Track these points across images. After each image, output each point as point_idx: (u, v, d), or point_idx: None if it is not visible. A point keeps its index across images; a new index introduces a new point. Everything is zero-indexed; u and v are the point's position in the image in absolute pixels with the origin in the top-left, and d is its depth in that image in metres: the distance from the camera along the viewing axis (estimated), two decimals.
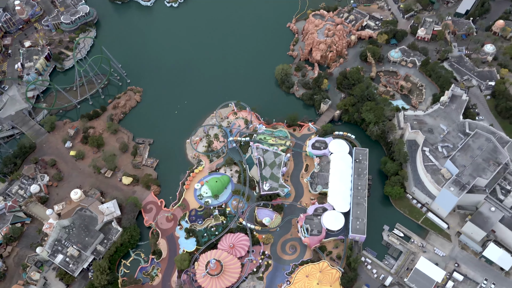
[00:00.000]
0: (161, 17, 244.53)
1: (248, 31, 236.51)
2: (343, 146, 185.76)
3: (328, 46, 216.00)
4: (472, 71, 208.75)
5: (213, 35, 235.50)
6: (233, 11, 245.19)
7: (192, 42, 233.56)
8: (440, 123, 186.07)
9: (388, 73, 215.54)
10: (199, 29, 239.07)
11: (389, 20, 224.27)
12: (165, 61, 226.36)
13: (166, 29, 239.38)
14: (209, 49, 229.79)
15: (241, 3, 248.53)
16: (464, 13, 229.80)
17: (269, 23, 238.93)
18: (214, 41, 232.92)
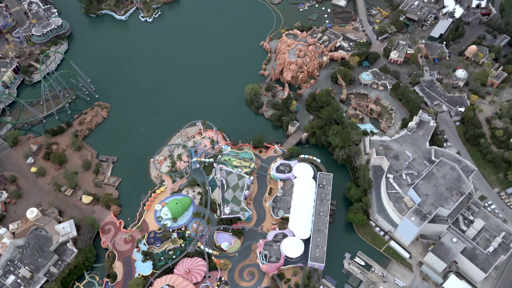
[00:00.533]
0: (134, 32, 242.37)
1: (221, 48, 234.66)
2: (307, 170, 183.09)
3: (299, 66, 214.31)
4: (443, 96, 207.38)
5: (186, 52, 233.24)
6: (208, 28, 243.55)
7: (164, 58, 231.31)
8: (406, 149, 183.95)
9: (359, 95, 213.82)
10: (172, 45, 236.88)
11: (361, 42, 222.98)
12: (135, 77, 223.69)
13: (139, 44, 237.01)
14: (181, 66, 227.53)
15: (217, 20, 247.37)
16: (438, 37, 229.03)
17: (243, 41, 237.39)
18: (187, 58, 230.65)
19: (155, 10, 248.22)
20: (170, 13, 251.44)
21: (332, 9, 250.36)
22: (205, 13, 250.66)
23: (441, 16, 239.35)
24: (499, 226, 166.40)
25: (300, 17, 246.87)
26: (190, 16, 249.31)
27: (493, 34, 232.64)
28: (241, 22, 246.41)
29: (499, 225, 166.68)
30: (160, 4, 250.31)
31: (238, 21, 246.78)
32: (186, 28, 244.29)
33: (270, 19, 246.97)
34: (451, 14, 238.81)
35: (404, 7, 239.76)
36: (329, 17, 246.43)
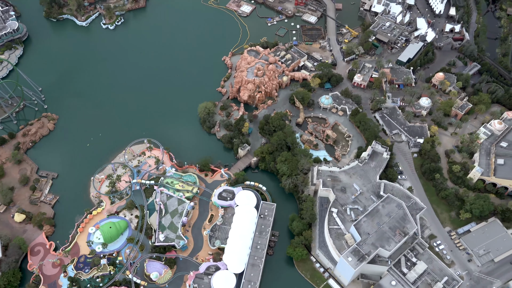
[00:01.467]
0: (94, 40, 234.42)
1: (182, 61, 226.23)
2: (250, 198, 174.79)
3: (256, 86, 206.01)
4: (403, 125, 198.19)
5: (144, 63, 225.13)
6: (170, 39, 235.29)
7: (120, 69, 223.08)
8: (355, 182, 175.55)
9: (317, 119, 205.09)
10: (131, 55, 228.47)
11: (324, 63, 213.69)
12: (88, 87, 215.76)
13: (97, 53, 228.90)
14: (137, 78, 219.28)
15: (182, 30, 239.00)
16: (406, 61, 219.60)
17: (205, 54, 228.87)
18: (144, 70, 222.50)
19: (118, 18, 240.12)
20: (133, 21, 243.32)
21: (302, 25, 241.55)
22: (170, 23, 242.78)
23: (412, 39, 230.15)
24: (442, 270, 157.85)
25: (267, 32, 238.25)
26: (153, 25, 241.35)
27: (464, 61, 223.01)
28: (206, 34, 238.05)
29: (443, 269, 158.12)
30: (124, 11, 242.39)
31: (203, 32, 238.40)
32: (148, 38, 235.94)
33: (236, 32, 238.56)
34: (423, 37, 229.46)
35: (375, 28, 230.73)
36: (297, 34, 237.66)
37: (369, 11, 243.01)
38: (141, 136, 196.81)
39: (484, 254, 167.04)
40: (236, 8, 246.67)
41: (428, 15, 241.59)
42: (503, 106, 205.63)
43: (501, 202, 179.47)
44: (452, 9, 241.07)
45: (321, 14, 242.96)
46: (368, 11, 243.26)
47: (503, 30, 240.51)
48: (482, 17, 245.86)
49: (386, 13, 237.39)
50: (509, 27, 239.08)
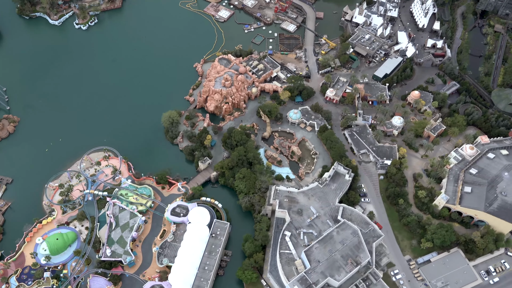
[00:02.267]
0: (65, 40, 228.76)
1: (152, 66, 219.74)
2: (204, 215, 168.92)
3: (223, 97, 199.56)
4: (372, 145, 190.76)
5: (114, 67, 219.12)
6: (143, 42, 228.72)
7: (89, 72, 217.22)
8: (313, 204, 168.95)
9: (284, 134, 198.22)
10: (101, 58, 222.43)
11: (294, 76, 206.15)
12: (54, 89, 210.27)
13: (67, 54, 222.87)
14: (105, 83, 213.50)
15: (156, 34, 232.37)
16: (382, 77, 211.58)
17: (177, 60, 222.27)
18: (113, 74, 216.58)
19: (92, 18, 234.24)
20: (107, 22, 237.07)
21: (280, 33, 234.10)
22: (145, 25, 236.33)
23: (392, 54, 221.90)
24: None
25: (244, 39, 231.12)
26: (127, 27, 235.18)
27: (444, 79, 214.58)
28: (181, 38, 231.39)
29: None
30: (98, 12, 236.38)
31: (178, 37, 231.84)
32: (120, 40, 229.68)
33: (211, 38, 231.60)
34: (403, 52, 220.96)
35: (354, 40, 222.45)
36: (274, 42, 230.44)
37: (350, 21, 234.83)
38: (102, 143, 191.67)
39: (442, 286, 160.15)
40: (213, 13, 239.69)
41: (409, 29, 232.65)
42: (479, 129, 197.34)
43: (466, 231, 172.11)
44: (436, 23, 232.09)
45: (298, 25, 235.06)
46: (349, 21, 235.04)
47: (488, 47, 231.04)
48: (468, 33, 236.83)
49: (367, 25, 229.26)
50: (495, 45, 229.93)
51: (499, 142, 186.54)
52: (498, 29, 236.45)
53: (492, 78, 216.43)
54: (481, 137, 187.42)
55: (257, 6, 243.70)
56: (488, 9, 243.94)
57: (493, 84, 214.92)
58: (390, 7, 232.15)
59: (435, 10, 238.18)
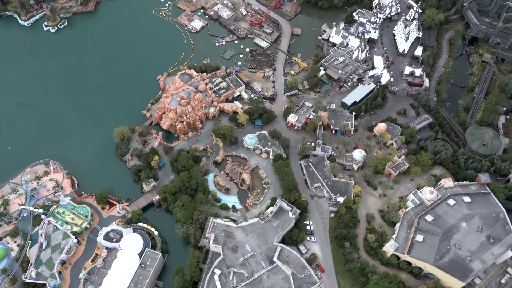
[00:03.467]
0: (31, 42, 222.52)
1: (115, 77, 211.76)
2: (137, 243, 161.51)
3: (178, 115, 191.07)
4: (327, 179, 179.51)
5: (74, 74, 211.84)
6: (109, 49, 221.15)
7: (49, 77, 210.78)
8: (249, 241, 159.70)
9: (238, 159, 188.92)
10: (63, 63, 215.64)
11: (255, 99, 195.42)
12: (9, 95, 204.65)
13: (30, 56, 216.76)
14: (63, 90, 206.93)
15: (124, 41, 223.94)
16: (351, 105, 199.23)
17: (142, 71, 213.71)
18: (73, 81, 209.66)
19: (62, 20, 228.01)
20: (77, 26, 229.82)
21: (252, 49, 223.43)
22: (114, 31, 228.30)
23: (366, 79, 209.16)
24: None
25: (213, 53, 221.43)
26: (96, 33, 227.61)
27: (417, 111, 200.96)
28: (150, 47, 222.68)
29: None
30: (70, 14, 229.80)
31: (147, 46, 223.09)
32: (87, 45, 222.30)
33: (181, 49, 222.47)
34: (377, 78, 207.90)
35: (327, 61, 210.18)
36: (244, 58, 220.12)
37: (327, 41, 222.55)
38: (50, 155, 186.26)
39: None
40: (187, 23, 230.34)
41: (385, 54, 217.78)
42: (446, 170, 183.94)
43: (415, 282, 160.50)
44: (419, 49, 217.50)
45: (270, 44, 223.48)
46: (326, 41, 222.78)
47: (472, 78, 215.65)
48: (453, 61, 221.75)
49: (344, 46, 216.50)
50: (480, 76, 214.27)
51: (464, 187, 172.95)
52: (486, 58, 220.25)
53: (471, 113, 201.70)
54: (445, 180, 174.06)
55: (233, 18, 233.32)
56: (479, 36, 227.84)
57: (471, 120, 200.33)
58: (370, 28, 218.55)
59: (419, 34, 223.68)
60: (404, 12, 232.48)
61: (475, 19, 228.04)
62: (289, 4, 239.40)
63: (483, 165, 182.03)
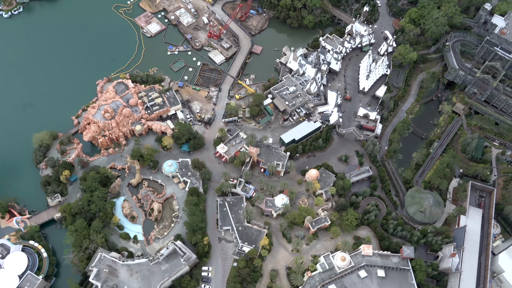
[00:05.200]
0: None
1: (55, 74, 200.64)
2: (20, 263, 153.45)
3: (101, 129, 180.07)
4: (239, 223, 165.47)
5: (15, 65, 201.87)
6: (57, 44, 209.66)
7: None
8: (132, 283, 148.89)
9: (155, 185, 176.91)
10: (6, 53, 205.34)
11: (182, 123, 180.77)
12: None
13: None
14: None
15: (77, 37, 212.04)
16: (288, 142, 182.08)
17: (85, 72, 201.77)
18: (11, 72, 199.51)
19: (18, 6, 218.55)
20: (32, 14, 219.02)
21: (204, 63, 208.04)
22: (67, 24, 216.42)
23: (315, 115, 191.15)
24: None
25: (163, 62, 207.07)
26: (49, 23, 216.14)
27: (361, 159, 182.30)
28: (98, 46, 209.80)
29: None
30: (27, 0, 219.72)
31: (96, 44, 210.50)
32: (36, 36, 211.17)
33: (130, 53, 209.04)
34: (326, 116, 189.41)
35: (277, 90, 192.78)
36: (193, 72, 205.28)
37: (284, 65, 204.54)
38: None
39: None
40: (143, 25, 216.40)
41: (345, 89, 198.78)
42: (373, 233, 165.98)
43: None
44: (382, 88, 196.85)
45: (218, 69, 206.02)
46: (283, 65, 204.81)
47: (436, 130, 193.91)
48: (420, 106, 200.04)
49: (299, 74, 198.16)
50: (444, 129, 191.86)
51: (384, 258, 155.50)
52: (457, 109, 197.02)
53: (422, 171, 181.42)
54: (364, 246, 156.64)
55: (193, 25, 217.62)
56: (456, 81, 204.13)
57: (419, 179, 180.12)
58: (331, 58, 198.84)
59: (387, 71, 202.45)
60: (379, 43, 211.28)
61: (455, 62, 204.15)
62: (256, 17, 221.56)
63: (413, 235, 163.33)
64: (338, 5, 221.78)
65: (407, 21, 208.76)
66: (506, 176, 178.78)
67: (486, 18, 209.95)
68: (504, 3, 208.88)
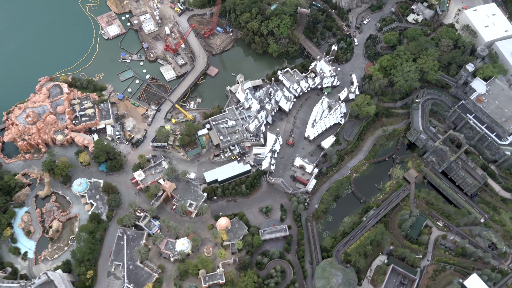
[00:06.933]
0: None
1: (1, 65, 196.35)
2: None
3: (21, 132, 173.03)
4: (132, 262, 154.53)
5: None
6: (14, 32, 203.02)
7: None
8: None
9: (63, 201, 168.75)
10: None
11: (100, 142, 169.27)
12: None
13: None
14: None
15: (34, 30, 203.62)
16: (209, 182, 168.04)
17: (31, 66, 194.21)
18: None
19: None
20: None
21: (153, 77, 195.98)
22: (26, 14, 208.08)
23: (250, 156, 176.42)
24: None
25: (113, 69, 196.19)
26: (7, 10, 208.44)
27: (284, 216, 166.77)
28: (54, 41, 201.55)
29: None
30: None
31: (52, 38, 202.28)
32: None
33: (82, 54, 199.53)
34: (259, 160, 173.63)
35: (215, 121, 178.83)
36: (140, 85, 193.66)
37: (234, 94, 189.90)
38: None
39: None
40: (104, 25, 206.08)
41: (291, 133, 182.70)
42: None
43: None
44: (329, 139, 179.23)
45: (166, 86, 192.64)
46: (233, 94, 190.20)
47: (377, 195, 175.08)
48: (369, 165, 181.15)
49: (245, 108, 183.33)
50: (387, 197, 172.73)
51: None
52: (410, 176, 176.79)
53: (346, 240, 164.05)
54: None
55: (154, 34, 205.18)
56: (417, 144, 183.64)
57: (342, 249, 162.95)
58: (282, 96, 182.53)
59: (342, 120, 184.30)
60: (344, 86, 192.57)
61: (420, 123, 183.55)
62: (222, 36, 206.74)
63: None
64: (311, 37, 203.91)
65: (377, 68, 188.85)
66: (438, 265, 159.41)
67: (467, 80, 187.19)
68: (490, 66, 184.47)
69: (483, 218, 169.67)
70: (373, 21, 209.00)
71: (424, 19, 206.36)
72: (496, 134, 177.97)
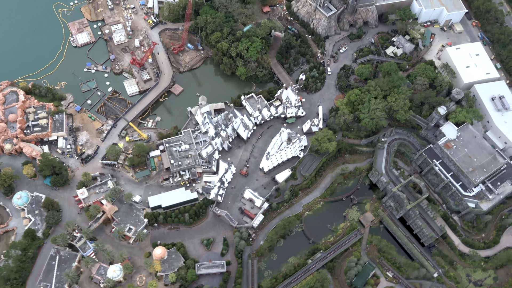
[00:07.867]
0: None
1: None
2: None
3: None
4: (59, 284, 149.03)
5: None
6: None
7: None
8: None
9: (3, 213, 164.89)
10: None
11: (46, 156, 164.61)
12: None
13: None
14: None
15: (3, 31, 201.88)
16: (153, 207, 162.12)
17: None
18: None
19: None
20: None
21: (115, 90, 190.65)
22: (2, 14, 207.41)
23: (200, 183, 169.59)
24: None
25: (76, 78, 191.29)
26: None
27: (224, 251, 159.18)
28: (22, 44, 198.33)
29: None
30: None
31: (20, 41, 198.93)
32: None
33: (47, 60, 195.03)
34: (207, 189, 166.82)
35: (169, 143, 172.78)
36: (100, 98, 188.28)
37: (194, 116, 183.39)
38: None
39: None
40: (74, 31, 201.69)
41: (246, 163, 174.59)
42: None
43: None
44: (284, 173, 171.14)
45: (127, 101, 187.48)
46: (192, 115, 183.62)
47: (328, 237, 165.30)
48: (325, 203, 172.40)
49: (201, 132, 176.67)
50: (337, 240, 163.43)
51: None
52: (365, 219, 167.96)
53: (286, 283, 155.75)
54: None
55: (123, 46, 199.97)
56: (379, 186, 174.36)
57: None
58: (240, 124, 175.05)
59: (301, 154, 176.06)
60: (310, 117, 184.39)
61: (383, 164, 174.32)
62: (192, 53, 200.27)
63: None
64: (283, 62, 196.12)
65: (344, 102, 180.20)
66: None
67: (439, 123, 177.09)
68: (463, 110, 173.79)
69: (436, 273, 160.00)
70: (351, 50, 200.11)
71: (403, 53, 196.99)
72: (462, 184, 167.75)
